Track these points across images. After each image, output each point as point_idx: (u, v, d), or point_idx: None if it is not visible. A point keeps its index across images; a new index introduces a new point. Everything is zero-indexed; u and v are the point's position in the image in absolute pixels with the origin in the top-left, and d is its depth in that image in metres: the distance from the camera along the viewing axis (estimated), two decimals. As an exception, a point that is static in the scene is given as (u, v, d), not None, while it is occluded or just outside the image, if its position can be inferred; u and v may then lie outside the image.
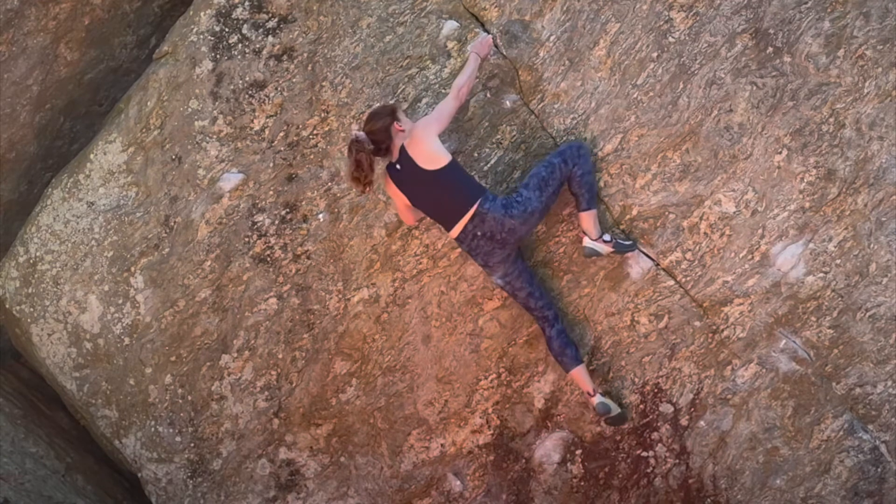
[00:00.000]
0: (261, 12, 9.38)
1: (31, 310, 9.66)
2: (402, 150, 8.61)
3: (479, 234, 8.60)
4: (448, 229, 8.72)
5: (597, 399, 8.93)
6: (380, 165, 8.75)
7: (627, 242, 8.89)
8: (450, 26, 9.17)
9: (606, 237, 8.83)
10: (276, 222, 9.41)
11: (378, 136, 8.57)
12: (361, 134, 8.52)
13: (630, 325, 9.12)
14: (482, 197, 8.57)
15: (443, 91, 9.09)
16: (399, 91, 9.18)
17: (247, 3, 9.39)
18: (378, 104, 8.86)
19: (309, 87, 9.33)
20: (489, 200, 8.57)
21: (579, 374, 8.95)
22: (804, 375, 8.91)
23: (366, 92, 9.23)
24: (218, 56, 9.42)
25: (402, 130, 8.62)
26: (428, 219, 9.14)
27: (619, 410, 9.02)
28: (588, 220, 8.80)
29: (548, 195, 8.64)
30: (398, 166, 8.65)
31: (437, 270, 9.28)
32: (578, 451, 9.38)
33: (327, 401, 9.54)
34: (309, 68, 9.33)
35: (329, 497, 9.68)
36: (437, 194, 8.63)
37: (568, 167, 8.65)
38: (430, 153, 8.53)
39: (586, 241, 8.84)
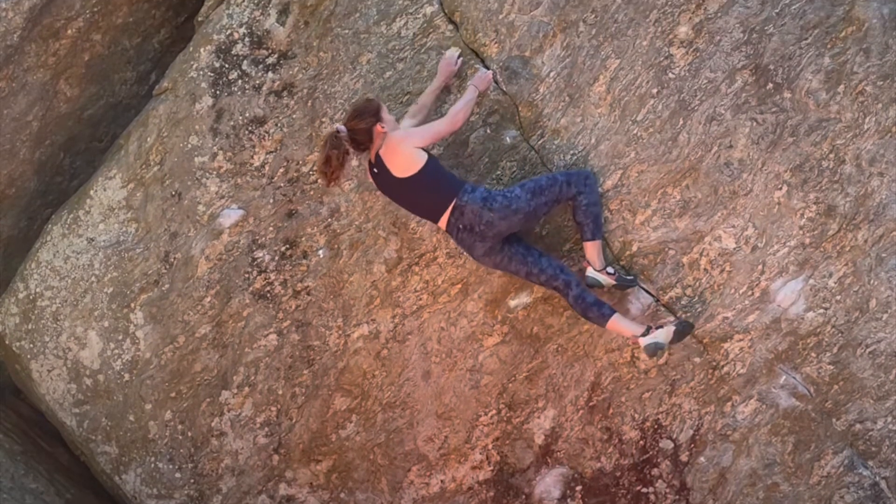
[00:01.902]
0: (261, 48, 9.24)
1: (31, 346, 9.54)
2: (378, 155, 8.43)
3: (460, 226, 8.40)
4: (435, 223, 8.53)
5: (642, 343, 8.45)
6: (354, 161, 8.64)
7: (629, 277, 8.71)
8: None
9: (610, 269, 8.64)
10: (276, 258, 9.27)
11: (359, 135, 8.36)
12: (343, 129, 8.31)
13: (630, 361, 8.98)
14: (461, 190, 8.37)
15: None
16: (399, 127, 8.95)
17: (247, 39, 9.24)
18: (363, 99, 8.68)
19: (309, 123, 9.18)
20: (467, 193, 8.37)
21: (613, 325, 8.53)
22: (804, 411, 8.77)
23: None
24: (218, 92, 9.27)
25: (384, 132, 8.39)
26: (427, 254, 9.02)
27: (674, 328, 8.43)
28: (592, 250, 8.61)
29: (538, 203, 8.40)
30: (375, 170, 8.51)
31: (437, 306, 9.13)
32: (578, 488, 9.22)
33: (327, 437, 9.40)
34: (309, 104, 9.18)
35: (330, 532, 9.58)
36: (415, 198, 8.47)
37: (570, 190, 8.45)
38: (404, 162, 8.34)
39: (589, 271, 8.64)
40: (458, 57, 8.84)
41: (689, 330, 8.47)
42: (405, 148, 8.30)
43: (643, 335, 8.43)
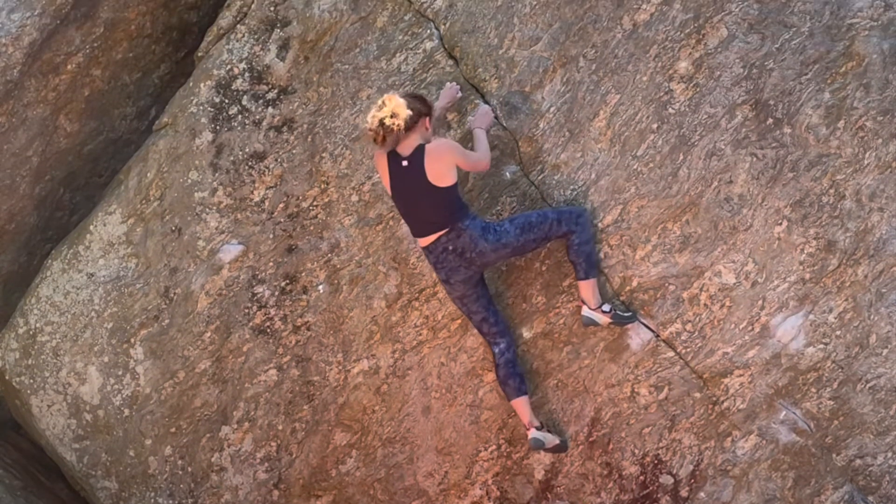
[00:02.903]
0: (261, 83, 9.19)
1: (31, 381, 9.46)
2: (419, 151, 8.24)
3: (450, 248, 8.31)
4: (417, 236, 8.44)
5: (531, 434, 8.68)
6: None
7: (627, 314, 8.63)
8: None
9: (606, 307, 8.56)
10: (276, 293, 9.21)
11: (410, 115, 8.19)
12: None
13: (630, 396, 8.87)
14: (466, 216, 8.29)
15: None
16: (399, 162, 8.88)
17: (247, 75, 9.19)
18: (418, 94, 8.56)
19: (309, 159, 9.12)
20: (470, 219, 8.30)
21: (519, 405, 8.70)
22: (804, 446, 8.66)
23: (366, 163, 9.02)
24: (218, 127, 9.22)
25: (427, 130, 8.33)
26: (427, 289, 8.99)
27: (557, 442, 8.79)
28: (586, 289, 8.53)
29: (526, 239, 8.35)
30: (404, 162, 8.27)
31: (437, 342, 9.06)
32: (578, 523, 9.17)
33: (327, 472, 9.32)
34: (309, 139, 9.12)
35: (330, 568, 9.52)
36: (426, 205, 8.30)
37: (560, 228, 8.39)
38: (443, 171, 8.19)
39: (584, 311, 8.58)
40: (459, 90, 8.81)
41: (563, 450, 8.87)
42: (450, 160, 8.19)
43: (537, 428, 8.68)
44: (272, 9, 9.14)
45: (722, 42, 8.50)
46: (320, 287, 9.14)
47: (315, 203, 9.10)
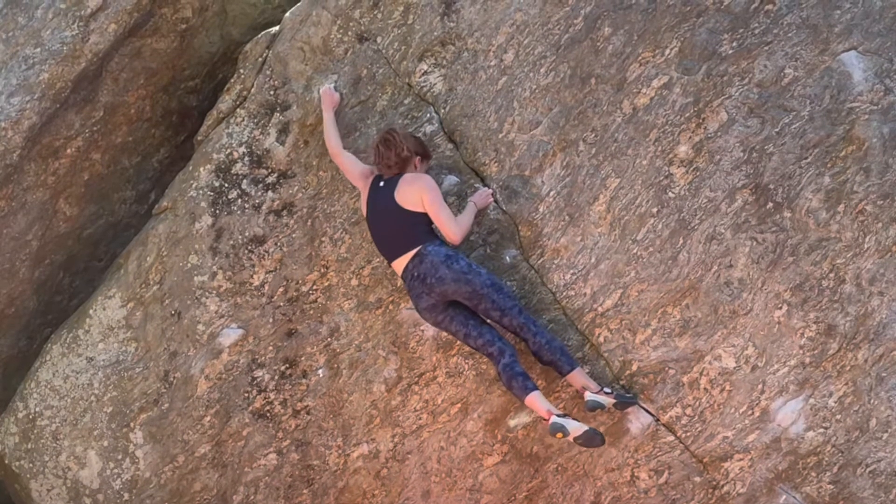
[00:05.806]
0: (260, 167, 9.04)
1: (31, 465, 9.29)
2: (396, 176, 8.35)
3: (415, 273, 8.23)
4: (389, 260, 8.38)
5: (552, 420, 8.02)
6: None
7: (628, 395, 8.45)
8: (450, 181, 8.78)
9: (607, 389, 8.35)
10: (276, 378, 9.03)
11: (405, 147, 8.37)
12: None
13: (630, 480, 8.66)
14: (430, 241, 8.24)
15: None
16: (399, 246, 8.74)
17: (246, 159, 9.06)
18: (417, 136, 8.64)
19: (308, 243, 8.97)
20: (435, 245, 8.24)
21: (532, 402, 8.20)
22: None
23: (365, 247, 8.87)
24: (217, 211, 9.07)
25: (416, 168, 8.40)
26: (427, 373, 8.80)
27: (585, 429, 7.98)
28: (578, 378, 8.31)
29: (490, 293, 8.18)
30: (381, 183, 8.39)
31: (436, 426, 8.87)
32: None
33: None
34: (308, 223, 8.97)
35: None
36: (392, 227, 8.30)
37: (518, 317, 8.22)
38: (411, 198, 8.26)
39: (588, 396, 8.27)
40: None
41: (596, 440, 7.93)
42: (420, 189, 8.20)
43: (557, 416, 7.97)
44: (272, 93, 9.02)
45: (722, 126, 8.36)
46: (320, 371, 8.97)
47: (315, 287, 8.95)
